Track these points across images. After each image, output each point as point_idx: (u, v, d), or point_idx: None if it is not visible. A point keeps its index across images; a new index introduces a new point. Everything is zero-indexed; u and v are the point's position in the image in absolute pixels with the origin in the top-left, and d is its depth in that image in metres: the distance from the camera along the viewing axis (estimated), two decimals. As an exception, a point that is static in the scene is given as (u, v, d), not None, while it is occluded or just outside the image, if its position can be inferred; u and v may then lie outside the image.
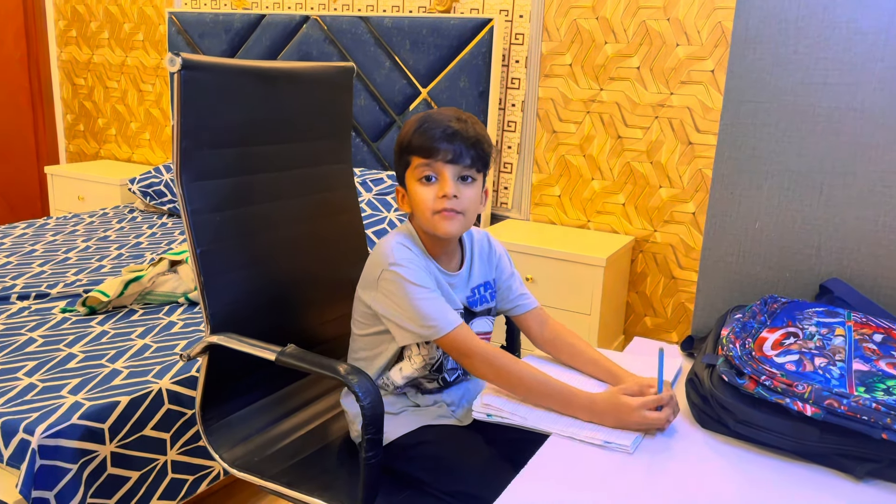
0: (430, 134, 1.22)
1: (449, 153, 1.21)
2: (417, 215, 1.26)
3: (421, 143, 1.22)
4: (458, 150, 1.21)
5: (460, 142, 1.22)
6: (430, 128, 1.22)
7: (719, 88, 2.64)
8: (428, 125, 1.23)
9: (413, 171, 1.25)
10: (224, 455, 1.25)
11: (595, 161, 2.93)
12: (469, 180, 1.25)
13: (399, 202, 1.31)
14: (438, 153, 1.21)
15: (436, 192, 1.22)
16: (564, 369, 1.29)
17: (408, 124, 1.27)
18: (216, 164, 1.25)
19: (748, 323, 1.14)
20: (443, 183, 1.22)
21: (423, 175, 1.23)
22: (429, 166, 1.23)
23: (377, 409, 1.07)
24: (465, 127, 1.23)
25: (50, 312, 2.13)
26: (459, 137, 1.22)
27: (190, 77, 1.17)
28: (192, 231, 1.20)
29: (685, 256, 2.82)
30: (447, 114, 1.25)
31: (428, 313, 1.19)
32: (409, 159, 1.25)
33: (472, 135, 1.23)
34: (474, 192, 1.26)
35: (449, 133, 1.21)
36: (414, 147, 1.24)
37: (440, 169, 1.22)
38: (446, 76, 2.99)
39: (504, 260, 1.41)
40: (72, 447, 1.51)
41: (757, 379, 1.01)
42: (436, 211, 1.22)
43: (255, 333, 1.27)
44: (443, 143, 1.21)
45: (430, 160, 1.22)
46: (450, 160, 1.22)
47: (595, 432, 1.06)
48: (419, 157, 1.23)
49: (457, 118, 1.24)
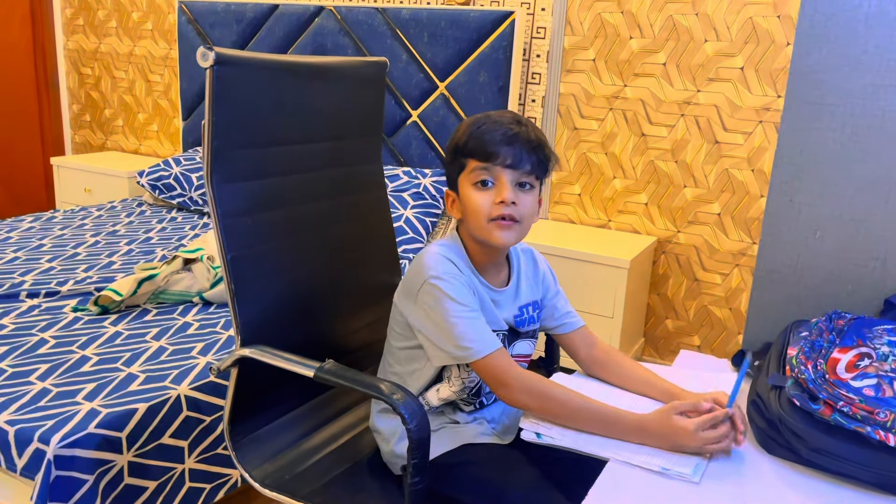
0: (490, 136, 1.14)
1: (508, 157, 1.14)
2: (469, 222, 1.19)
3: (478, 145, 1.15)
4: (519, 154, 1.14)
5: (521, 146, 1.15)
6: (489, 130, 1.15)
7: (748, 87, 2.57)
8: (486, 127, 1.16)
9: (468, 174, 1.17)
10: (254, 473, 1.18)
11: (617, 159, 2.85)
12: (527, 187, 1.18)
13: (448, 207, 1.23)
14: (497, 157, 1.14)
15: (493, 198, 1.15)
16: (614, 389, 1.22)
17: (463, 125, 1.20)
18: (248, 164, 1.17)
19: (816, 341, 1.07)
20: (500, 188, 1.15)
21: (480, 179, 1.16)
22: (486, 170, 1.15)
23: (424, 432, 1.00)
24: (525, 131, 1.16)
25: (61, 311, 2.06)
26: (520, 141, 1.15)
27: (223, 73, 1.10)
28: (222, 236, 1.13)
29: (709, 258, 2.75)
30: (506, 116, 1.18)
31: (464, 333, 1.12)
32: (464, 162, 1.18)
33: (534, 139, 1.16)
34: (532, 200, 1.19)
35: (509, 136, 1.14)
36: (470, 149, 1.16)
37: (498, 174, 1.15)
38: (465, 70, 2.91)
39: (549, 277, 1.34)
40: (89, 457, 1.44)
41: (833, 405, 0.94)
42: (492, 218, 1.15)
43: (284, 344, 1.20)
44: (502, 147, 1.14)
45: (488, 164, 1.15)
46: (509, 165, 1.15)
47: (652, 457, 1.00)
48: (476, 160, 1.16)
49: (517, 121, 1.17)
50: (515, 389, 1.11)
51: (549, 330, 1.34)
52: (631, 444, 1.03)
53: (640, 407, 1.13)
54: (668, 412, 1.03)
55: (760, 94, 2.55)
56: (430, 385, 1.24)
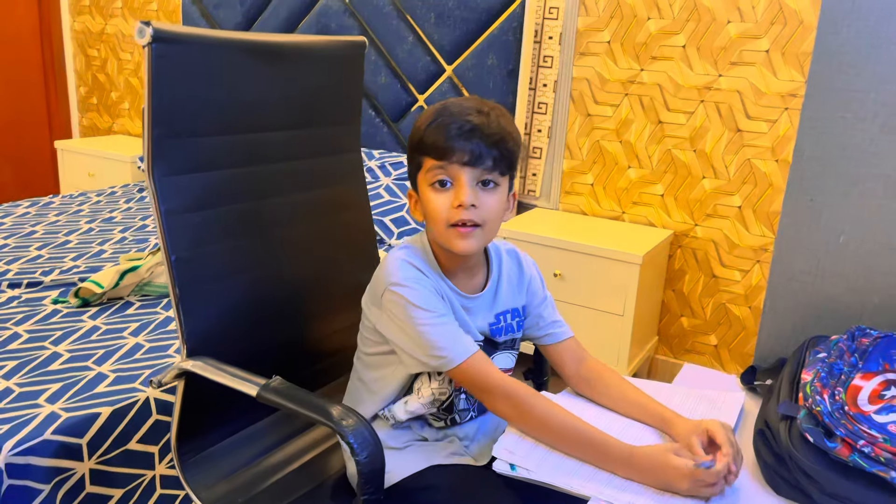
0: (445, 130, 1.01)
1: (465, 154, 1.01)
2: (430, 226, 1.07)
3: (434, 140, 1.02)
4: (477, 150, 1.01)
5: (480, 140, 1.01)
6: (446, 122, 1.02)
7: (774, 71, 2.39)
8: (443, 119, 1.02)
9: (425, 173, 1.05)
10: (203, 495, 1.07)
11: (632, 148, 2.70)
12: (491, 185, 1.04)
13: (412, 208, 1.11)
14: (453, 154, 1.01)
15: (451, 201, 1.02)
16: (604, 411, 1.09)
17: (421, 117, 1.06)
18: (195, 155, 1.05)
19: (835, 365, 0.93)
20: (458, 190, 1.02)
21: (437, 179, 1.03)
22: (443, 169, 1.02)
23: (376, 464, 0.88)
24: (486, 122, 1.02)
25: (40, 303, 1.98)
26: (479, 135, 1.01)
27: (165, 51, 0.98)
28: (165, 235, 1.01)
29: (728, 253, 2.59)
30: (467, 105, 1.04)
31: (436, 341, 1.01)
32: (420, 159, 1.05)
33: (496, 131, 1.02)
34: (497, 200, 1.05)
35: (466, 130, 1.01)
36: (426, 146, 1.03)
37: (455, 173, 1.02)
38: (473, 53, 2.77)
39: (535, 282, 1.21)
40: (44, 465, 1.35)
41: (853, 443, 0.80)
42: (450, 223, 1.02)
43: (242, 351, 1.09)
44: (459, 142, 1.00)
45: (443, 162, 1.02)
46: (466, 162, 1.01)
47: (638, 497, 0.87)
48: (432, 157, 1.03)
49: (477, 110, 1.03)
50: (497, 396, 1.00)
51: (534, 340, 1.21)
52: (616, 478, 0.91)
53: (631, 434, 1.00)
54: (665, 452, 0.90)
55: (787, 79, 2.38)
56: (400, 392, 1.12)
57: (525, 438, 0.99)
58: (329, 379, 1.32)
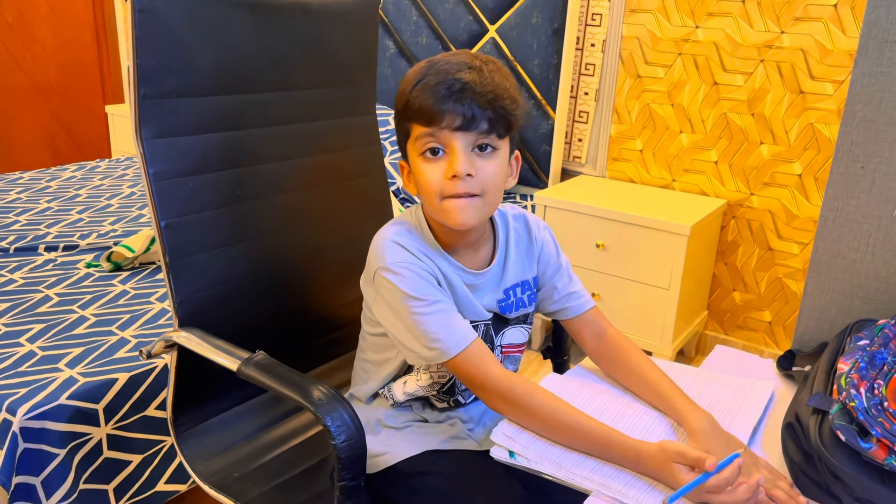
0: (433, 91, 0.90)
1: (457, 117, 0.90)
2: (424, 200, 0.97)
3: (421, 104, 0.91)
4: (470, 111, 0.90)
5: (472, 100, 0.90)
6: (432, 82, 0.90)
7: (842, 27, 2.20)
8: (429, 78, 0.91)
9: (414, 142, 0.94)
10: (198, 468, 1.04)
11: (685, 111, 2.54)
12: (488, 150, 0.93)
13: (404, 181, 1.01)
14: (443, 117, 0.90)
15: (444, 171, 0.92)
16: (615, 396, 1.00)
17: (405, 78, 0.95)
18: (187, 116, 1.00)
19: (878, 354, 0.82)
20: (451, 158, 0.91)
21: (427, 147, 0.92)
22: (433, 136, 0.92)
23: (356, 450, 0.83)
24: (478, 78, 0.90)
25: (74, 267, 2.00)
26: (470, 94, 0.90)
27: (148, 5, 0.92)
28: (154, 200, 0.96)
29: (786, 225, 2.43)
30: (456, 60, 0.93)
31: (430, 330, 0.92)
32: (408, 127, 0.95)
33: (490, 89, 0.91)
34: (497, 166, 0.94)
35: (456, 89, 0.89)
36: (413, 110, 0.92)
37: (447, 139, 0.91)
38: (517, 11, 2.64)
39: (549, 249, 1.10)
40: (59, 430, 1.35)
41: (890, 445, 0.70)
42: (444, 196, 0.92)
43: (240, 325, 1.04)
44: (448, 104, 0.89)
45: (433, 128, 0.91)
46: (459, 126, 0.90)
47: (645, 496, 0.79)
48: (420, 123, 0.92)
49: (468, 66, 0.91)
50: (493, 395, 0.92)
51: (548, 314, 1.12)
52: (622, 472, 0.83)
53: (642, 425, 0.91)
54: (669, 460, 0.81)
55: (856, 36, 2.18)
56: (401, 372, 1.05)
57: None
58: (335, 355, 1.27)
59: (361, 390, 1.10)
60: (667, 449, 0.81)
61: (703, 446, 0.84)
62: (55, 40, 4.04)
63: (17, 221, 2.32)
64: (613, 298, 2.40)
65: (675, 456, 0.80)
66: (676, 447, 0.81)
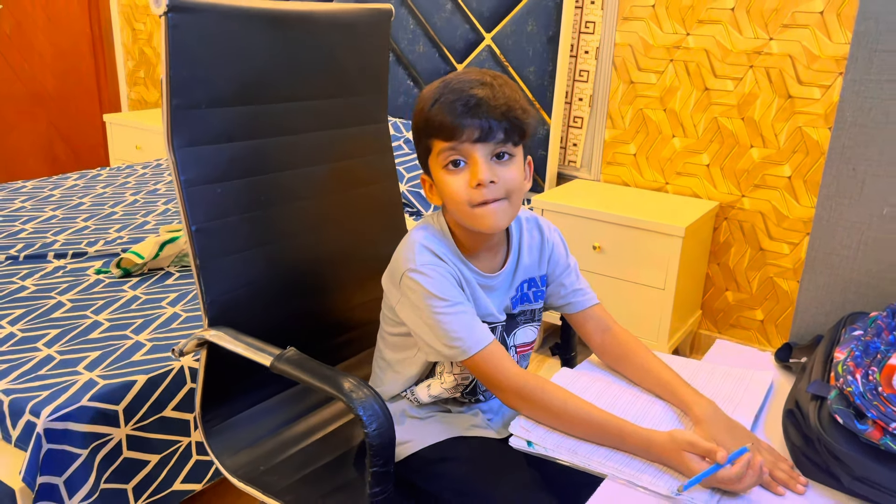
0: (451, 108, 0.98)
1: (475, 130, 0.97)
2: (451, 210, 1.04)
3: (441, 121, 0.98)
4: (487, 124, 0.97)
5: (487, 113, 0.97)
6: (450, 100, 0.98)
7: (829, 33, 2.28)
8: (446, 97, 0.99)
9: (436, 156, 1.01)
10: (226, 462, 1.09)
11: (677, 116, 2.61)
12: (506, 157, 1.01)
13: (427, 193, 1.08)
14: (463, 131, 0.97)
15: (467, 181, 0.99)
16: (623, 389, 1.06)
17: (422, 98, 1.03)
18: (216, 125, 1.05)
19: (872, 343, 0.88)
20: (474, 168, 0.99)
21: (450, 160, 1.00)
22: (454, 149, 0.99)
23: (385, 437, 0.88)
24: (491, 93, 0.98)
25: (84, 273, 2.03)
26: (486, 108, 0.97)
27: (181, 21, 0.97)
28: (185, 205, 1.01)
29: (776, 226, 2.50)
30: (468, 78, 1.00)
31: (451, 330, 0.99)
32: (428, 143, 1.02)
33: (502, 102, 0.98)
34: (515, 171, 1.02)
35: (472, 105, 0.97)
36: (433, 127, 1.00)
37: (468, 151, 0.99)
38: (512, 20, 2.71)
39: (559, 250, 1.17)
40: (81, 431, 1.39)
41: (885, 426, 0.76)
42: (473, 204, 0.99)
43: (264, 322, 1.09)
44: (466, 119, 0.97)
45: (454, 142, 0.99)
46: (478, 139, 0.98)
47: (657, 479, 0.84)
48: (440, 139, 1.00)
49: (480, 82, 0.99)
50: (509, 393, 0.98)
51: (556, 309, 1.18)
52: (635, 459, 0.88)
53: (651, 415, 0.97)
54: (679, 449, 0.86)
55: (842, 42, 2.26)
56: (423, 374, 1.11)
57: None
58: (352, 353, 1.32)
59: (382, 390, 1.15)
60: (678, 438, 0.87)
61: (708, 432, 0.90)
62: (52, 50, 4.07)
63: (24, 230, 2.36)
64: (610, 299, 2.46)
65: (685, 445, 0.85)
66: (687, 437, 0.86)
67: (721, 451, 0.82)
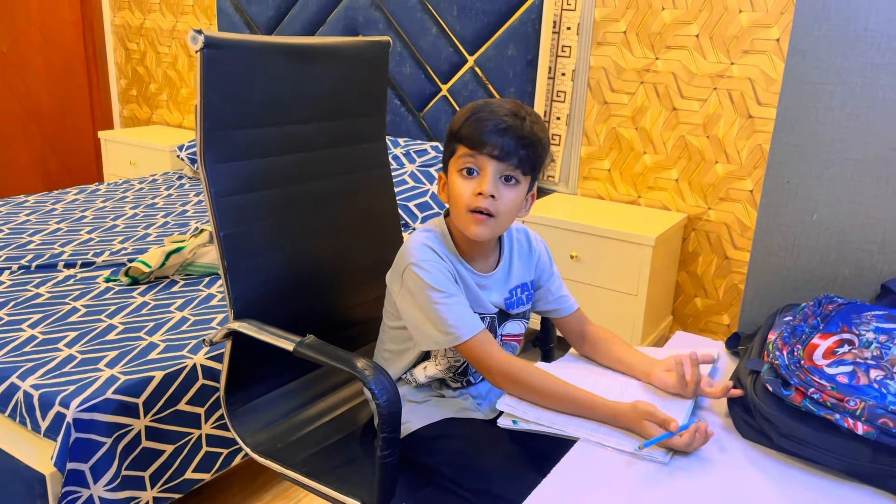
0: (482, 125, 1.13)
1: (496, 148, 1.13)
2: (452, 208, 1.20)
3: (470, 132, 1.14)
4: (508, 146, 1.13)
5: (512, 139, 1.13)
6: (484, 118, 1.14)
7: (784, 58, 2.48)
8: (482, 115, 1.14)
9: (456, 160, 1.17)
10: (248, 440, 1.24)
11: (648, 134, 2.81)
12: (512, 181, 1.16)
13: (439, 189, 1.24)
14: (485, 146, 1.13)
15: (474, 188, 1.15)
16: (594, 371, 1.22)
17: (462, 110, 1.19)
18: (240, 144, 1.21)
19: (798, 327, 1.05)
20: (482, 179, 1.14)
21: (466, 166, 1.15)
22: (472, 158, 1.14)
23: (394, 408, 1.04)
24: (520, 125, 1.14)
25: (94, 282, 2.16)
26: (512, 134, 1.13)
27: (213, 56, 1.13)
28: (215, 214, 1.17)
29: (740, 236, 2.69)
30: (506, 107, 1.16)
31: (447, 318, 1.14)
32: (455, 147, 1.17)
33: (527, 134, 1.14)
34: (515, 196, 1.17)
35: (501, 128, 1.13)
36: (462, 135, 1.15)
37: (483, 163, 1.14)
38: (494, 44, 2.89)
39: (544, 259, 1.34)
40: (106, 421, 1.52)
41: (804, 391, 0.93)
42: (470, 209, 1.15)
43: (281, 317, 1.24)
44: (492, 137, 1.12)
45: (475, 152, 1.14)
46: (496, 156, 1.13)
47: (622, 441, 1.01)
48: (465, 146, 1.15)
49: (514, 114, 1.15)
50: (496, 374, 1.13)
51: (544, 314, 1.35)
52: (605, 427, 1.04)
53: (617, 388, 1.13)
54: (640, 418, 1.01)
55: (796, 67, 2.46)
56: (419, 363, 1.27)
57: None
58: (357, 345, 1.48)
59: None
60: (639, 409, 1.03)
61: (664, 384, 1.11)
62: (47, 68, 4.19)
63: (32, 241, 2.48)
64: (586, 304, 2.61)
65: (645, 415, 1.02)
66: (648, 408, 1.02)
67: (674, 422, 0.99)
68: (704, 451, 0.99)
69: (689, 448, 0.98)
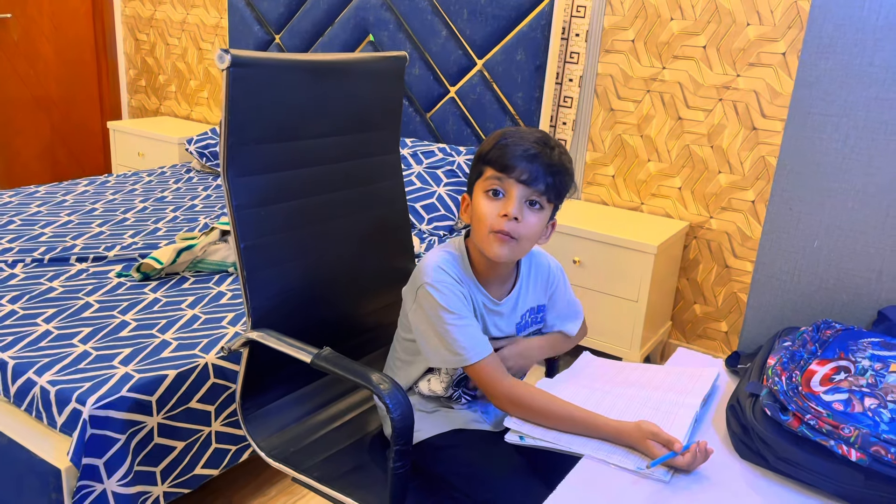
0: (511, 150, 1.17)
1: (525, 173, 1.16)
2: (474, 228, 1.23)
3: (499, 155, 1.18)
4: (536, 172, 1.16)
5: (540, 165, 1.17)
6: (513, 143, 1.17)
7: (790, 72, 2.52)
8: (512, 140, 1.18)
9: (483, 181, 1.20)
10: (261, 444, 1.28)
11: (652, 142, 2.84)
12: (537, 206, 1.20)
13: (462, 210, 1.27)
14: (514, 170, 1.16)
15: (499, 209, 1.18)
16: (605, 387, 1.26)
17: (491, 136, 1.22)
18: (262, 159, 1.25)
19: (797, 352, 1.10)
20: (508, 201, 1.17)
21: (492, 188, 1.19)
22: (500, 181, 1.18)
23: (407, 421, 1.08)
24: (548, 153, 1.18)
25: (106, 276, 2.20)
26: (540, 161, 1.17)
27: (240, 74, 1.16)
28: (236, 226, 1.21)
29: (741, 245, 2.73)
30: (535, 135, 1.20)
31: (456, 340, 1.18)
32: (482, 169, 1.21)
33: (555, 162, 1.18)
34: (538, 221, 1.20)
35: (531, 154, 1.16)
36: (491, 158, 1.19)
37: (510, 187, 1.18)
38: (503, 48, 2.92)
39: (560, 290, 1.38)
40: (121, 418, 1.56)
41: (801, 417, 0.97)
42: (493, 230, 1.18)
43: (297, 325, 1.28)
44: (521, 162, 1.16)
45: (502, 175, 1.17)
46: (523, 180, 1.17)
47: (626, 459, 1.05)
48: (493, 169, 1.18)
49: (544, 142, 1.19)
50: (502, 399, 1.17)
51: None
52: (609, 444, 1.08)
53: (620, 407, 1.17)
54: (644, 437, 1.05)
55: (801, 82, 2.50)
56: (424, 375, 1.31)
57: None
58: (368, 351, 1.52)
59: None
60: (643, 428, 1.06)
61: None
62: (57, 58, 4.22)
63: (44, 234, 2.52)
64: (588, 309, 2.67)
65: (649, 434, 1.05)
66: (651, 427, 1.06)
67: (678, 442, 1.03)
68: (704, 471, 1.03)
69: (690, 467, 1.02)
